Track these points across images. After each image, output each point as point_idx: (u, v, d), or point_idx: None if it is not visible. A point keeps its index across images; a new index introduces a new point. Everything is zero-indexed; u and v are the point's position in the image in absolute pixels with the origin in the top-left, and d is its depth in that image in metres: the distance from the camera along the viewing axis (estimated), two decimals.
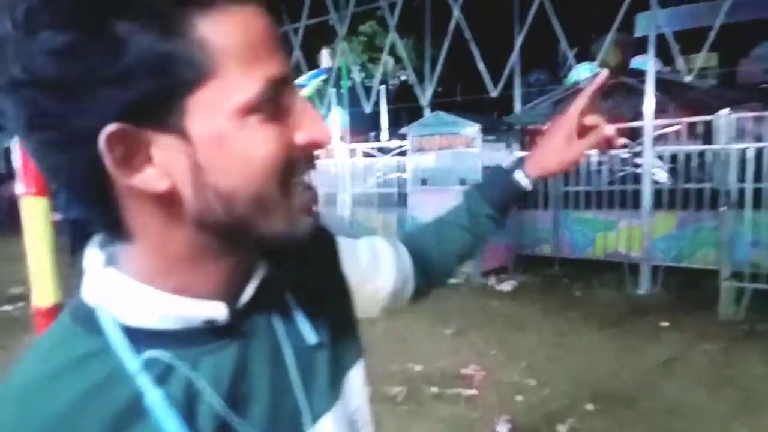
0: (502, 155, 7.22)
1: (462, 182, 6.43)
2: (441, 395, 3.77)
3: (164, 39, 0.43)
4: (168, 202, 0.48)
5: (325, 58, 13.90)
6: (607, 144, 0.83)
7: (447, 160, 6.59)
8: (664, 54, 8.85)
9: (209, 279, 0.52)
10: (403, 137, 7.60)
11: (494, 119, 9.12)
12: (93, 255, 0.53)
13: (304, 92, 11.37)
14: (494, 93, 6.78)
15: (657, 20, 5.97)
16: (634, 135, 6.67)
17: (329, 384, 0.61)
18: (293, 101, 0.50)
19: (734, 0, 5.34)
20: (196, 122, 0.45)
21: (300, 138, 0.50)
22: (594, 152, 7.02)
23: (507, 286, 6.41)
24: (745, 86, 12.00)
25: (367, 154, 8.82)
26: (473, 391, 3.81)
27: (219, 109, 0.45)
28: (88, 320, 0.50)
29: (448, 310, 5.50)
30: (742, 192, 5.21)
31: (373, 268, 0.78)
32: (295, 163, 0.50)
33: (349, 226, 8.33)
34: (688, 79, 6.00)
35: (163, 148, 0.46)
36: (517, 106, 7.10)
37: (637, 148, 6.37)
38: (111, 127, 0.43)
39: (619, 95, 8.92)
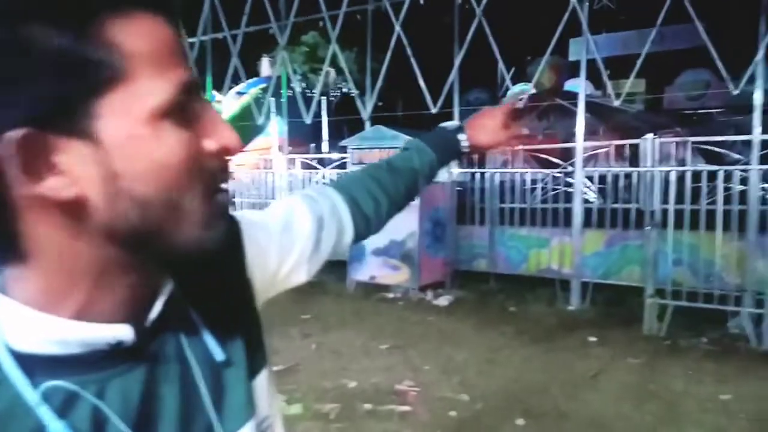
0: (441, 172, 7.30)
1: None
2: (374, 412, 3.73)
3: (73, 41, 0.42)
4: (74, 211, 0.45)
5: (265, 66, 13.74)
6: (511, 142, 1.09)
7: None
8: (596, 78, 9.24)
9: (114, 298, 0.50)
10: (343, 149, 7.57)
11: None
12: None
13: (243, 100, 11.18)
14: (434, 110, 6.86)
15: (589, 46, 6.21)
16: (567, 155, 6.90)
17: (244, 399, 0.60)
18: (201, 108, 0.49)
19: (661, 30, 5.60)
20: (108, 127, 0.44)
21: (209, 144, 0.49)
22: (528, 171, 7.25)
23: (443, 301, 6.45)
24: (669, 112, 12.69)
25: (306, 166, 8.73)
26: (407, 408, 3.79)
27: (131, 113, 0.44)
28: None
29: (384, 325, 5.48)
30: (665, 213, 5.47)
31: (290, 234, 0.78)
32: (207, 169, 0.49)
33: None
34: (616, 103, 6.26)
35: (71, 154, 0.44)
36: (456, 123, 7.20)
37: (569, 168, 6.59)
38: (16, 132, 0.41)
39: (554, 116, 9.26)
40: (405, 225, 6.41)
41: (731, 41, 10.45)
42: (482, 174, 7.22)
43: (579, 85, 6.54)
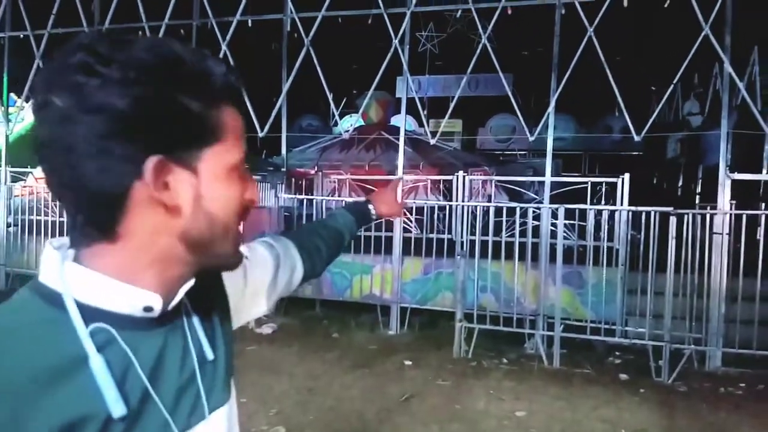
0: (268, 195, 7.21)
1: None
2: None
3: (204, 110, 0.66)
4: (168, 215, 0.66)
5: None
6: (397, 215, 1.53)
7: None
8: (420, 116, 9.86)
9: (161, 280, 0.69)
10: None
11: (261, 159, 9.11)
12: (50, 252, 0.68)
13: None
14: (261, 133, 6.79)
15: (409, 85, 6.61)
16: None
17: (222, 386, 0.79)
18: (246, 171, 0.73)
19: (476, 77, 6.15)
20: (205, 167, 0.67)
21: (246, 194, 0.73)
22: (351, 199, 7.45)
23: (267, 329, 6.30)
24: (481, 151, 13.96)
25: None
26: None
27: (220, 162, 0.68)
28: (48, 295, 0.65)
29: None
30: (473, 243, 5.94)
31: (253, 264, 0.97)
32: (243, 209, 0.72)
33: None
34: (432, 141, 6.72)
35: (180, 178, 0.65)
36: (284, 148, 7.20)
37: None
38: (157, 156, 0.63)
39: (380, 148, 9.67)
40: None
41: (535, 92, 11.86)
42: (310, 200, 7.26)
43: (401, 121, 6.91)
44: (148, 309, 0.68)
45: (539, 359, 5.47)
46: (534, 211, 6.00)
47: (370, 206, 1.43)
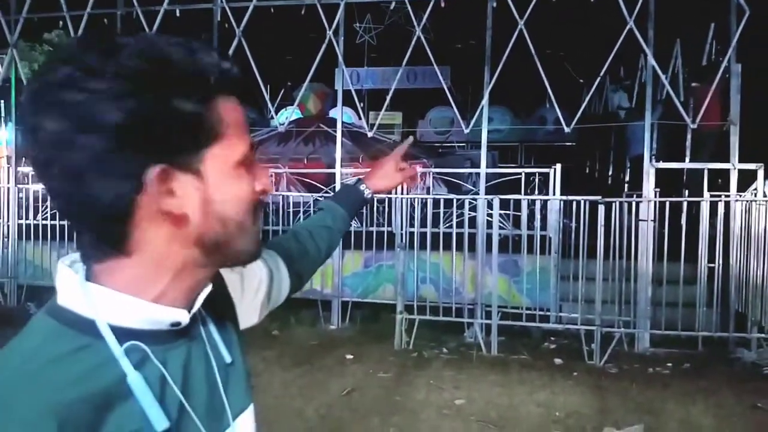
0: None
1: None
2: None
3: (200, 111, 0.63)
4: (177, 223, 0.64)
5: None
6: (411, 180, 1.40)
7: None
8: (358, 108, 9.80)
9: (183, 290, 0.69)
10: None
11: None
12: (66, 272, 0.66)
13: None
14: None
15: (345, 77, 6.56)
16: (329, 180, 7.15)
17: (243, 388, 0.79)
18: (254, 161, 0.70)
19: (414, 69, 6.14)
20: (210, 168, 0.65)
21: (257, 186, 0.70)
22: (293, 194, 7.34)
23: None
24: (421, 144, 14.04)
25: None
26: None
27: (223, 161, 0.66)
28: (76, 322, 0.63)
29: None
30: (412, 235, 5.97)
31: (250, 276, 0.97)
32: (256, 202, 0.70)
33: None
34: (370, 133, 6.70)
35: (185, 184, 0.64)
36: None
37: (330, 193, 6.84)
38: (159, 166, 0.61)
39: (318, 141, 9.56)
40: None
41: (472, 85, 12.01)
42: None
43: (344, 114, 6.85)
44: (175, 324, 0.68)
45: (478, 347, 5.56)
46: (471, 202, 6.08)
47: (363, 186, 1.30)
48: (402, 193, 6.15)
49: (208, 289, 0.72)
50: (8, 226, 7.11)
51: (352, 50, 8.25)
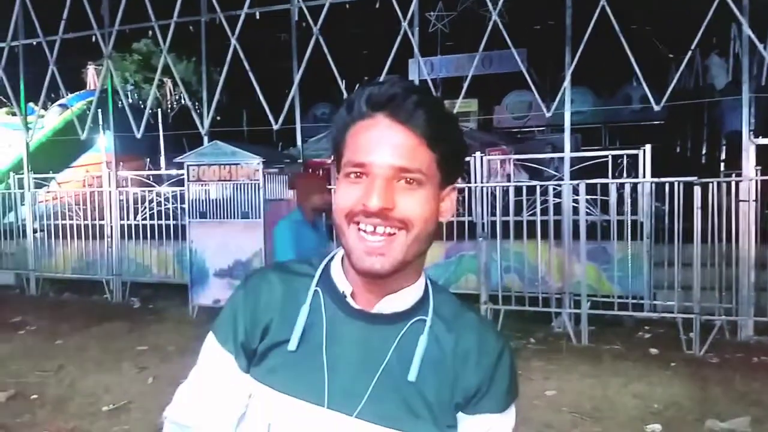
0: (286, 188, 7.20)
1: (245, 215, 6.23)
2: None
3: (348, 123, 0.82)
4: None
5: (91, 76, 12.60)
6: None
7: (228, 191, 6.37)
8: None
9: (351, 277, 0.85)
10: (180, 166, 7.15)
11: (277, 151, 9.12)
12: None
13: (66, 114, 10.17)
14: (276, 126, 6.78)
15: (421, 67, 6.53)
16: None
17: (390, 414, 0.81)
18: (372, 177, 0.78)
19: (489, 54, 6.05)
20: (340, 174, 0.83)
21: (362, 199, 0.78)
22: None
23: None
24: (498, 130, 13.78)
25: (140, 183, 8.15)
26: None
27: (340, 166, 0.83)
28: (317, 261, 0.91)
29: None
30: (494, 224, 5.88)
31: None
32: (355, 212, 0.79)
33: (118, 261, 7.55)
34: None
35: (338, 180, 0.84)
36: (299, 139, 7.18)
37: None
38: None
39: None
40: (249, 244, 6.21)
41: (550, 66, 11.64)
42: (328, 190, 7.23)
43: None
44: (344, 294, 0.85)
45: (567, 337, 5.42)
46: (555, 188, 5.91)
47: None
48: (482, 182, 6.06)
49: (394, 303, 0.84)
50: (111, 226, 7.61)
51: (425, 39, 8.19)
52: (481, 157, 6.19)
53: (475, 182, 6.19)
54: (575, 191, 5.65)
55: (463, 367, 0.84)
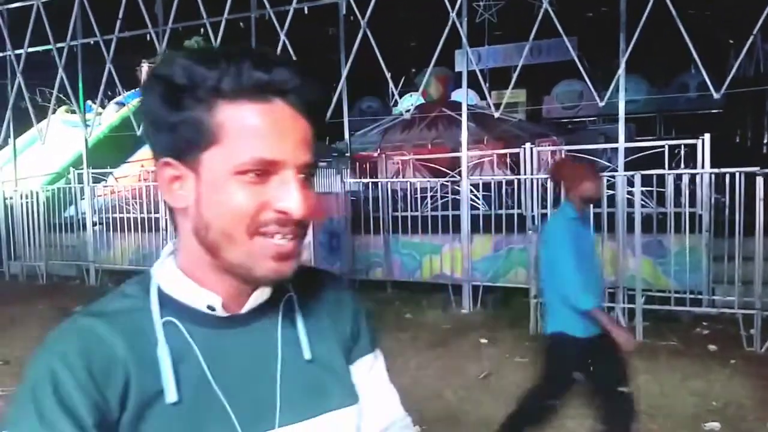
0: (334, 181, 7.29)
1: None
2: None
3: (203, 113, 0.66)
4: (185, 214, 0.70)
5: (145, 73, 13.00)
6: None
7: None
8: (482, 89, 9.64)
9: (218, 281, 0.71)
10: None
11: (325, 144, 9.21)
12: (168, 246, 0.76)
13: (122, 111, 10.54)
14: (325, 119, 6.84)
15: (469, 57, 6.46)
16: (454, 164, 7.12)
17: (309, 403, 0.75)
18: (286, 177, 0.67)
19: (538, 43, 5.95)
20: (204, 169, 0.67)
21: (277, 205, 0.67)
22: (419, 180, 7.40)
23: None
24: (547, 121, 13.52)
25: None
26: None
27: (217, 166, 0.66)
28: (144, 284, 0.72)
29: None
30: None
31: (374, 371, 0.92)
32: (264, 218, 0.67)
33: None
34: (496, 114, 6.56)
35: (185, 180, 0.68)
36: (347, 133, 7.23)
37: (456, 177, 6.81)
38: (165, 158, 0.68)
39: (442, 126, 9.55)
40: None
41: (602, 54, 11.34)
42: (375, 183, 7.28)
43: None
44: (210, 308, 0.71)
45: None
46: (608, 180, 5.76)
47: None
48: (532, 174, 5.96)
49: (261, 291, 0.72)
50: (165, 219, 7.86)
51: (472, 30, 8.10)
52: (531, 148, 6.08)
53: (525, 174, 6.09)
54: (630, 183, 5.49)
55: (336, 321, 0.81)
